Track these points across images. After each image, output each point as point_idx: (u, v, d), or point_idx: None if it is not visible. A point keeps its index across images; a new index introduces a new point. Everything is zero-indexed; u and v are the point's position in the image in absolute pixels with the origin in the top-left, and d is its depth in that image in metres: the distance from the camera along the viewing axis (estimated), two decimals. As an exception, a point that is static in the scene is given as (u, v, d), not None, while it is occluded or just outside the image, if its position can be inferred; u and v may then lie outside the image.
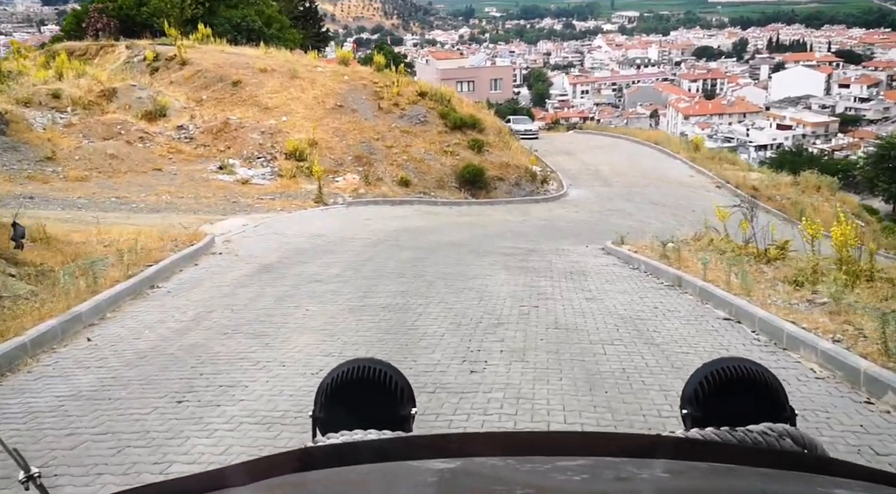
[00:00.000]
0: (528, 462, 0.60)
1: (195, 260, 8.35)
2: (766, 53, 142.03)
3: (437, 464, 0.61)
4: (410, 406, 1.20)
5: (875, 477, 0.59)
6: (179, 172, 15.48)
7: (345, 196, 15.51)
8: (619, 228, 16.75)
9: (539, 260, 9.15)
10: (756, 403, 1.11)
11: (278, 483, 0.61)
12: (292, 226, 11.76)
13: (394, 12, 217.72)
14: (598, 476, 0.59)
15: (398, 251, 9.66)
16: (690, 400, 1.17)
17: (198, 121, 18.00)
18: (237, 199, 14.22)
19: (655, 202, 19.54)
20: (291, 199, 14.55)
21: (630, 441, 0.67)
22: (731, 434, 1.02)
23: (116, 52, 24.59)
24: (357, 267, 8.09)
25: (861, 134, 79.73)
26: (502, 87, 48.43)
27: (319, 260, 8.70)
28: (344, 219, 13.10)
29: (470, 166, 17.89)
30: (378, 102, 20.19)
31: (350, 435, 1.04)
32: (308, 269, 7.97)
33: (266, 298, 6.49)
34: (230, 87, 19.89)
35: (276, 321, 5.78)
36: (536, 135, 29.62)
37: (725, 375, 1.13)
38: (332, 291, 6.78)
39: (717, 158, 24.65)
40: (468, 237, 11.90)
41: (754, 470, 0.61)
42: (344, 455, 0.67)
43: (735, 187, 21.80)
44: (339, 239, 10.78)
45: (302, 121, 18.68)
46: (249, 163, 16.62)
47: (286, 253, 9.15)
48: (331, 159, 17.51)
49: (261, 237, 10.59)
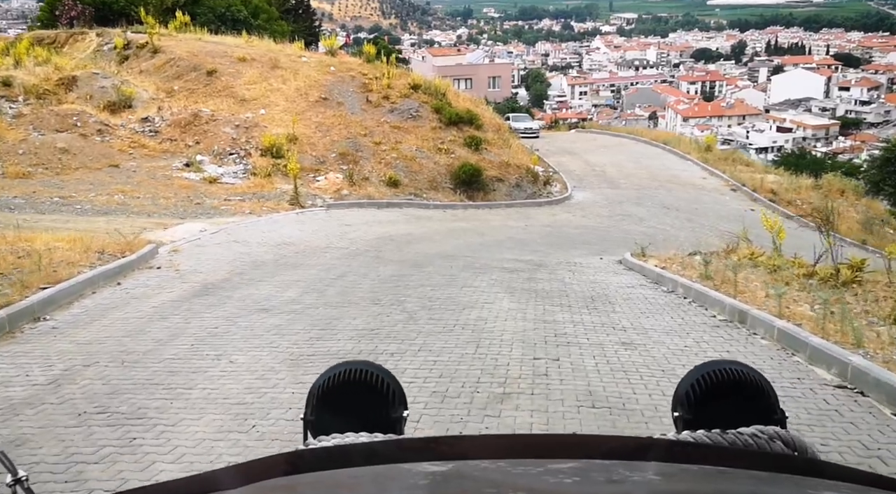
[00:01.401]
0: (520, 465, 0.60)
1: (120, 278, 6.66)
2: (765, 56, 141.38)
3: (429, 467, 0.60)
4: (402, 408, 1.17)
5: (865, 480, 0.59)
6: (139, 169, 13.76)
7: (325, 197, 13.81)
8: (632, 236, 15.16)
9: (549, 278, 7.49)
10: (747, 406, 1.09)
11: (270, 486, 0.60)
12: (258, 233, 10.06)
13: (391, 12, 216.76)
14: (589, 478, 0.58)
15: (378, 266, 7.98)
16: (682, 403, 1.14)
17: (165, 114, 16.28)
18: (201, 200, 12.51)
19: (668, 206, 17.92)
20: (264, 201, 12.85)
21: (621, 443, 0.67)
22: (723, 437, 0.99)
23: (87, 40, 22.86)
24: (322, 290, 6.41)
25: (863, 137, 79.13)
26: (500, 86, 46.71)
27: (278, 277, 7.02)
28: (321, 224, 11.41)
29: (466, 165, 16.22)
30: (366, 95, 18.50)
31: (341, 438, 1.01)
32: (259, 291, 6.28)
33: (183, 339, 4.77)
34: (204, 77, 18.17)
35: (175, 384, 4.01)
36: (537, 134, 27.97)
37: (717, 378, 1.11)
38: (277, 327, 5.09)
39: (731, 159, 23.07)
40: (463, 246, 10.23)
41: (745, 473, 0.61)
42: (335, 458, 0.66)
43: (752, 190, 20.21)
44: (310, 249, 9.09)
45: (282, 115, 16.98)
46: (220, 159, 14.91)
47: (240, 268, 7.46)
48: (312, 156, 15.82)
49: (217, 246, 8.89)
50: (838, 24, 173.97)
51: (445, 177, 16.30)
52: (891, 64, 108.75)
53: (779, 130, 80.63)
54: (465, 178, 16.05)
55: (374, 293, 6.29)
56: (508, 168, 17.42)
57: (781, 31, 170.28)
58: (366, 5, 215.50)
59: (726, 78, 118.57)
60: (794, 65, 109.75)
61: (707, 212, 17.92)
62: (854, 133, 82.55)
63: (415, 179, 15.86)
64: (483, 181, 16.43)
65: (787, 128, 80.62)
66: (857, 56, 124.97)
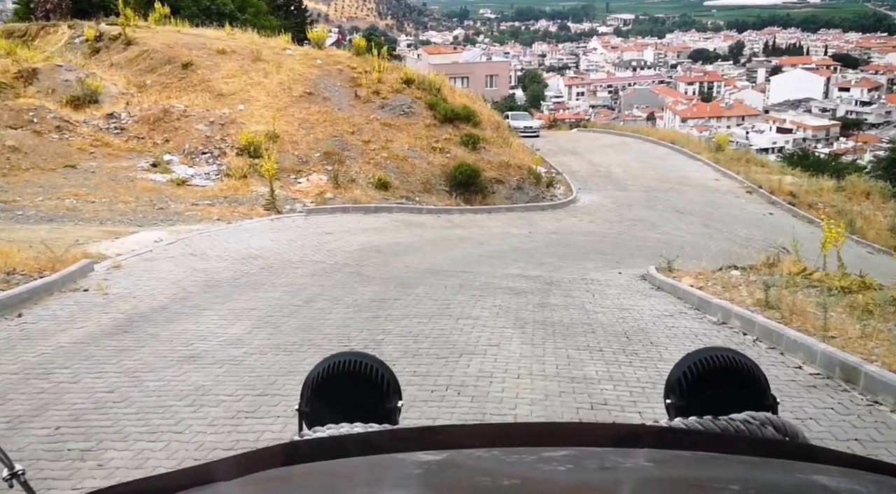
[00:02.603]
0: (514, 453, 0.60)
1: (28, 306, 5.25)
2: (763, 57, 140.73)
3: (423, 456, 0.60)
4: (397, 398, 1.16)
5: (854, 463, 0.60)
6: (99, 170, 12.34)
7: (306, 201, 12.41)
8: (646, 243, 13.83)
9: (565, 303, 6.12)
10: (739, 392, 1.09)
11: (265, 477, 0.60)
12: (222, 244, 8.67)
13: (388, 13, 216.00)
14: (582, 465, 0.59)
15: (357, 285, 6.60)
16: (674, 390, 1.14)
17: (134, 109, 14.87)
18: (166, 205, 11.11)
19: (681, 210, 16.59)
20: (236, 205, 11.45)
21: (614, 430, 0.67)
22: (714, 423, 1.00)
23: (59, 32, 21.46)
24: (278, 323, 5.02)
25: (864, 138, 78.56)
26: (498, 85, 45.32)
27: (230, 303, 5.63)
28: (297, 232, 10.01)
29: (463, 166, 14.85)
30: (355, 90, 17.12)
31: (336, 429, 1.00)
32: (197, 326, 4.90)
33: (51, 414, 3.27)
34: (179, 70, 16.76)
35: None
36: (537, 133, 26.62)
37: (708, 365, 1.12)
38: (197, 391, 3.64)
39: (744, 160, 21.75)
40: (459, 259, 8.85)
41: (737, 458, 0.62)
42: (330, 449, 0.66)
43: (769, 192, 18.89)
44: (280, 263, 7.70)
45: (262, 111, 15.58)
46: (191, 159, 13.50)
47: (186, 291, 6.07)
48: (294, 156, 14.42)
49: (168, 261, 7.50)
50: (836, 24, 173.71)
51: (440, 178, 14.93)
52: (890, 64, 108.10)
53: (779, 131, 79.96)
54: (461, 180, 14.68)
55: (344, 328, 4.91)
56: (509, 168, 16.05)
57: (779, 32, 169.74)
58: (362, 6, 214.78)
59: (724, 78, 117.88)
60: (792, 65, 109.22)
61: (723, 216, 16.60)
62: (855, 134, 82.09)
63: (406, 181, 14.47)
64: (481, 183, 15.06)
65: (788, 129, 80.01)
66: (855, 57, 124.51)
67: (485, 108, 19.23)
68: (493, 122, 18.24)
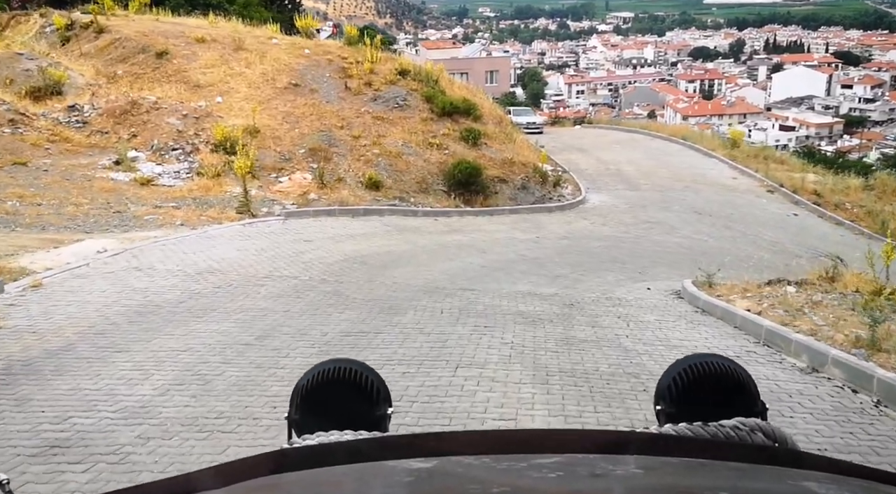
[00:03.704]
0: (504, 461, 0.60)
1: None
2: (764, 54, 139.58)
3: (413, 464, 0.60)
4: (386, 406, 1.14)
5: (843, 470, 0.60)
6: (53, 167, 10.97)
7: (286, 203, 11.04)
8: (666, 249, 12.46)
9: (594, 336, 4.77)
10: (728, 398, 1.09)
11: (254, 486, 0.59)
12: (178, 255, 7.30)
13: (387, 11, 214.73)
14: (572, 473, 0.59)
15: (330, 312, 5.24)
16: (664, 396, 1.12)
17: (100, 101, 13.49)
18: (124, 208, 9.74)
19: (699, 211, 15.24)
20: (205, 208, 10.08)
21: (604, 437, 0.67)
22: (704, 429, 0.99)
23: (31, 21, 20.07)
24: (211, 375, 3.67)
25: (869, 135, 77.57)
26: (498, 81, 43.92)
27: (157, 341, 4.28)
28: (272, 239, 8.64)
29: (462, 163, 13.48)
30: (345, 81, 15.75)
31: (326, 436, 0.99)
32: (94, 383, 3.55)
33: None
34: (153, 60, 15.39)
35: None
36: (541, 129, 25.25)
37: (698, 371, 1.10)
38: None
39: (762, 157, 20.41)
40: (459, 272, 7.49)
41: (726, 465, 0.62)
42: (320, 457, 0.66)
43: (792, 192, 17.55)
44: (242, 280, 6.34)
45: (242, 103, 14.22)
46: (160, 156, 12.13)
47: (106, 322, 4.71)
48: (276, 152, 13.05)
49: (104, 278, 6.14)
50: (836, 22, 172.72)
51: (437, 177, 13.57)
52: (893, 61, 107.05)
53: (781, 129, 78.94)
54: (461, 179, 13.32)
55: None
56: (512, 166, 14.69)
57: (780, 30, 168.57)
58: (361, 4, 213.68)
59: (725, 76, 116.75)
60: (793, 63, 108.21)
61: (745, 217, 15.26)
62: (859, 131, 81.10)
63: (400, 180, 13.10)
64: (483, 182, 13.69)
65: (790, 127, 79.02)
66: (856, 54, 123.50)
67: (486, 101, 17.88)
68: (495, 117, 16.88)
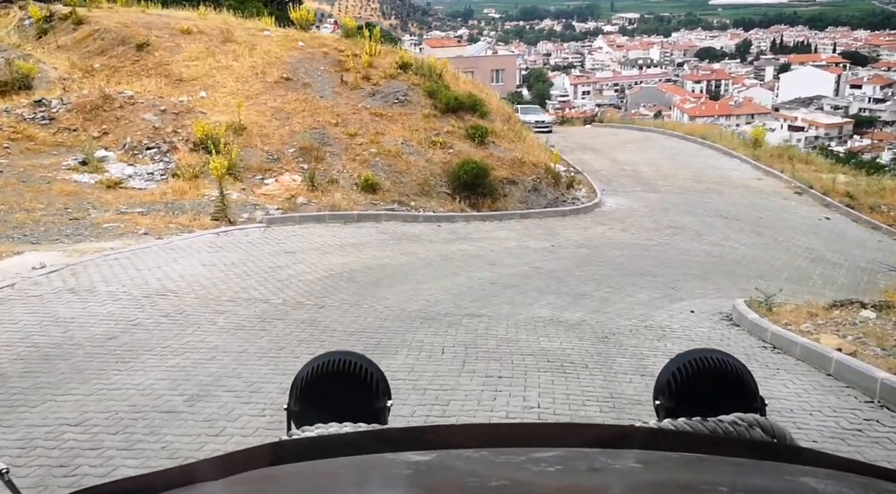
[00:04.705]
0: (503, 454, 0.60)
1: None
2: (771, 54, 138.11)
3: (412, 457, 0.60)
4: (386, 398, 1.14)
5: (840, 465, 0.60)
6: (9, 169, 9.80)
7: (271, 208, 9.83)
8: (694, 258, 11.19)
9: (646, 390, 3.56)
10: (727, 394, 1.09)
11: (253, 477, 0.59)
12: (129, 272, 6.10)
13: (392, 13, 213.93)
14: (571, 466, 0.59)
15: (299, 352, 4.03)
16: (663, 391, 1.12)
17: (71, 96, 12.33)
18: (84, 214, 8.55)
19: (725, 215, 14.00)
20: (177, 214, 8.88)
21: (603, 431, 0.68)
22: (703, 424, 0.99)
23: (10, 14, 18.94)
24: (97, 471, 2.46)
25: (880, 136, 76.26)
26: (505, 79, 42.69)
27: (43, 405, 3.09)
28: (247, 252, 7.42)
29: (468, 163, 12.27)
30: (341, 75, 14.56)
31: (325, 428, 0.99)
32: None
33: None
34: (133, 52, 14.23)
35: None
36: (550, 128, 24.01)
37: (697, 366, 1.10)
38: None
39: (786, 156, 19.14)
40: (465, 290, 6.27)
41: (725, 460, 0.62)
42: (318, 449, 0.66)
43: (822, 194, 16.28)
44: (198, 305, 5.13)
45: (228, 98, 13.03)
46: (133, 155, 10.95)
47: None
48: (263, 151, 11.86)
49: (23, 304, 4.95)
50: (843, 22, 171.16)
51: (441, 178, 12.35)
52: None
53: (790, 129, 77.67)
54: (466, 180, 12.10)
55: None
56: (522, 167, 13.46)
57: (786, 30, 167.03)
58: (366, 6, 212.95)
59: (732, 76, 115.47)
60: (800, 63, 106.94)
61: (774, 221, 14.00)
62: (870, 131, 79.76)
63: (399, 182, 11.89)
64: (490, 183, 12.47)
65: (799, 127, 77.80)
66: (864, 54, 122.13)
67: (493, 97, 16.66)
68: (503, 113, 15.66)
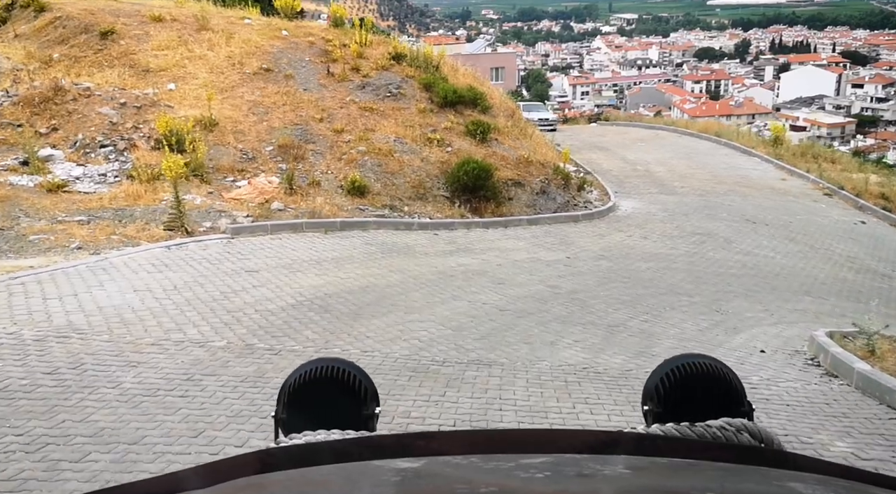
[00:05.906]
0: (492, 461, 0.60)
1: None
2: (770, 54, 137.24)
3: (401, 464, 0.59)
4: (374, 405, 1.12)
5: (829, 470, 0.60)
6: (-66, 170, 8.40)
7: (240, 215, 8.41)
8: (730, 270, 9.86)
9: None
10: (715, 399, 1.07)
11: (239, 485, 0.59)
12: (32, 301, 4.69)
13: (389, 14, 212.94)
14: (560, 472, 0.59)
15: (219, 448, 2.62)
16: (651, 397, 1.10)
17: (21, 88, 10.92)
18: (12, 223, 7.14)
19: (752, 219, 12.62)
20: (125, 222, 7.47)
21: (592, 437, 0.69)
22: (691, 430, 0.96)
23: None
24: None
25: (884, 135, 75.40)
26: (505, 78, 41.24)
27: None
28: (198, 271, 6.01)
29: (469, 163, 10.89)
30: (328, 66, 13.17)
31: (313, 436, 0.96)
32: None
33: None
34: (97, 41, 12.82)
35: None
36: (554, 126, 22.63)
37: (686, 371, 1.07)
38: None
39: (811, 155, 17.80)
40: (467, 323, 4.86)
41: (713, 465, 0.63)
42: (306, 456, 0.65)
43: (855, 195, 14.93)
44: (104, 354, 3.73)
45: (199, 91, 11.63)
46: (84, 154, 9.53)
47: None
48: (237, 150, 10.46)
49: None
50: (842, 22, 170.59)
51: (438, 179, 10.96)
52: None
53: (792, 129, 76.50)
54: (467, 182, 10.70)
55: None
56: (529, 167, 12.08)
57: (785, 30, 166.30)
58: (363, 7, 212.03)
59: (732, 76, 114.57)
60: (800, 63, 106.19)
61: (805, 226, 12.63)
62: (873, 131, 78.87)
63: (391, 184, 10.48)
64: (494, 185, 11.07)
65: (801, 127, 76.82)
66: (863, 54, 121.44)
67: (495, 91, 15.29)
68: (506, 109, 14.27)
